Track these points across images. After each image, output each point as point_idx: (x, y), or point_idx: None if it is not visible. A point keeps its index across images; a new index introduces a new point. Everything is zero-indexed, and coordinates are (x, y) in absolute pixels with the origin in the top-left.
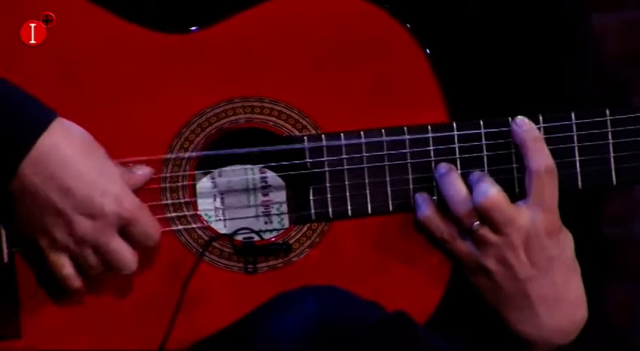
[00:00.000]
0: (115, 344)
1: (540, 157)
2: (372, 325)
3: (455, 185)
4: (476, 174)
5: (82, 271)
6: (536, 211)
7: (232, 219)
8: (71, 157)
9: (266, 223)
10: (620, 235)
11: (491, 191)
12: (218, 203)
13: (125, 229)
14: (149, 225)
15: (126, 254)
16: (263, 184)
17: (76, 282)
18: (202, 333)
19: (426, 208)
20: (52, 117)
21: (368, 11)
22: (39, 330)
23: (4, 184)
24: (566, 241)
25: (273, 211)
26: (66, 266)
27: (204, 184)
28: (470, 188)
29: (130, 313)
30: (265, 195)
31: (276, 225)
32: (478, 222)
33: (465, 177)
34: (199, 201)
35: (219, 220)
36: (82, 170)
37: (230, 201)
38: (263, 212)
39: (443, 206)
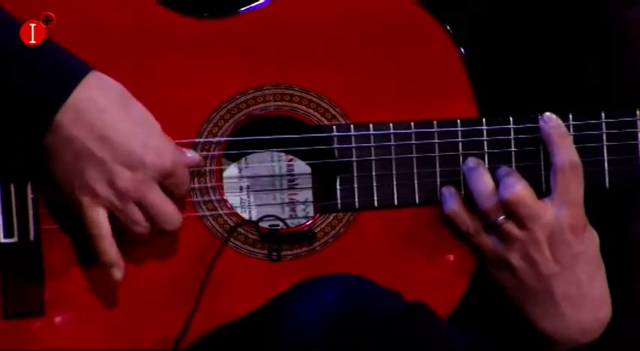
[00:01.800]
0: (137, 325)
1: (565, 153)
2: (391, 315)
3: (482, 180)
4: (503, 169)
5: (126, 228)
6: (561, 207)
7: (257, 206)
8: (108, 107)
9: (291, 211)
10: None
11: (517, 186)
12: (244, 190)
13: (164, 182)
14: (183, 177)
15: (169, 207)
16: (289, 172)
17: (112, 246)
18: (224, 317)
19: (452, 202)
20: (87, 69)
21: (404, 6)
22: (62, 308)
23: (39, 138)
24: (592, 238)
25: (299, 199)
26: (104, 226)
27: (230, 170)
28: (497, 183)
29: (153, 296)
30: (291, 183)
31: (300, 214)
32: (503, 217)
33: (493, 172)
34: (226, 187)
35: (245, 206)
36: (120, 120)
37: (256, 188)
38: (288, 201)
39: (469, 201)
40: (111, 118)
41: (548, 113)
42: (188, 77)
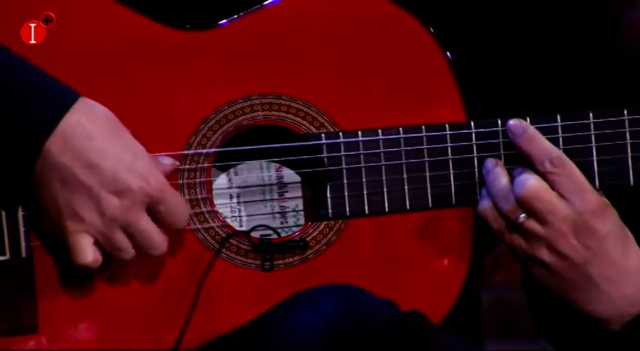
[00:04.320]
0: (131, 339)
1: (541, 154)
2: (387, 325)
3: (499, 181)
4: (518, 168)
5: (112, 254)
6: (571, 198)
7: (248, 215)
8: (96, 134)
9: (282, 220)
10: None
11: (529, 181)
12: (234, 201)
13: (153, 209)
14: (177, 203)
15: (155, 234)
16: (279, 181)
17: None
18: (218, 329)
19: (484, 202)
20: (75, 96)
21: (388, 11)
22: (55, 324)
23: (29, 165)
24: (613, 215)
25: (289, 209)
26: (89, 254)
27: (220, 181)
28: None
29: (146, 309)
30: (281, 192)
31: (291, 222)
32: (524, 215)
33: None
34: (216, 198)
35: (235, 217)
36: (108, 147)
37: (246, 197)
38: (279, 209)
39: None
40: (98, 144)
41: (510, 122)
42: (175, 89)
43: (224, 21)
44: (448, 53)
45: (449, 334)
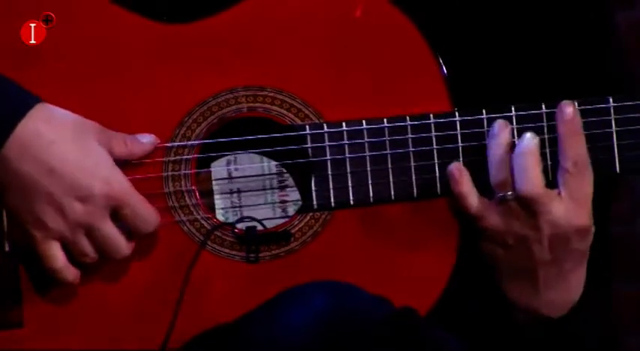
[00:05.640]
0: (118, 334)
1: (572, 153)
2: (380, 321)
3: (501, 149)
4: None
5: (76, 260)
6: (569, 206)
7: (248, 207)
8: (55, 139)
9: (282, 211)
10: (625, 235)
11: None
12: (234, 193)
13: (118, 213)
14: (141, 207)
15: (118, 239)
16: (279, 173)
17: (70, 274)
18: (207, 321)
19: (465, 182)
20: (32, 102)
21: (373, 3)
22: (41, 319)
23: None
24: (588, 239)
25: (289, 199)
26: (59, 258)
27: (220, 173)
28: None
29: (132, 303)
30: (282, 184)
31: (290, 213)
32: (511, 192)
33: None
34: (215, 190)
35: (236, 209)
36: (68, 152)
37: (246, 190)
38: (279, 201)
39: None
40: (58, 149)
41: (565, 104)
42: (159, 82)
43: (208, 14)
44: (431, 42)
45: (439, 330)
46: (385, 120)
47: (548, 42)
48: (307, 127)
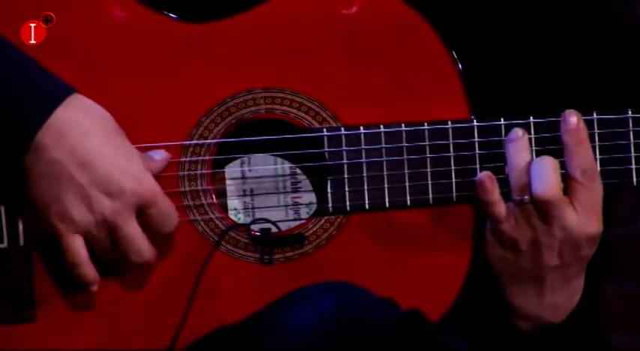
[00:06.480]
0: (129, 331)
1: (580, 161)
2: (387, 323)
3: (521, 154)
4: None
5: (97, 257)
6: (582, 213)
7: (261, 209)
8: (92, 132)
9: (295, 214)
10: (625, 235)
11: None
12: (247, 194)
13: (143, 212)
14: (167, 208)
15: (141, 240)
16: (293, 175)
17: (90, 272)
18: (217, 321)
19: (496, 191)
20: (69, 91)
21: (393, 7)
22: (53, 314)
23: (18, 159)
24: (598, 242)
25: (303, 202)
26: (81, 253)
27: (234, 173)
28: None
29: (145, 301)
30: (295, 186)
31: (304, 216)
32: (528, 197)
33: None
34: (228, 191)
35: (248, 210)
36: (103, 147)
37: (259, 192)
38: (292, 203)
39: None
40: (93, 143)
41: (568, 112)
42: (178, 81)
43: (228, 14)
44: (454, 52)
45: (448, 332)
46: (403, 125)
47: (566, 47)
48: (325, 130)
